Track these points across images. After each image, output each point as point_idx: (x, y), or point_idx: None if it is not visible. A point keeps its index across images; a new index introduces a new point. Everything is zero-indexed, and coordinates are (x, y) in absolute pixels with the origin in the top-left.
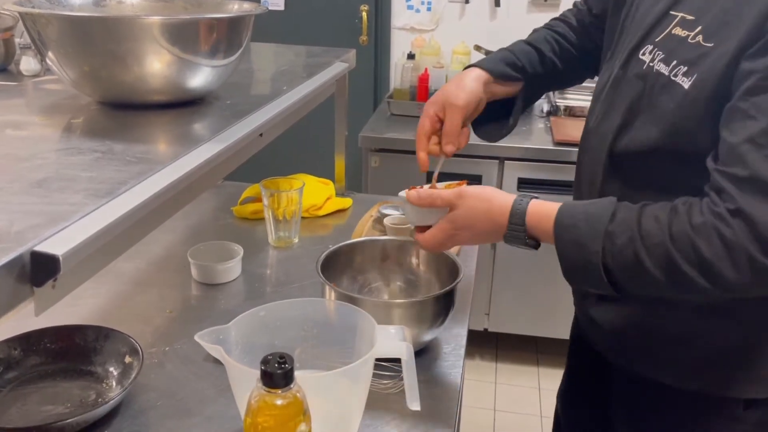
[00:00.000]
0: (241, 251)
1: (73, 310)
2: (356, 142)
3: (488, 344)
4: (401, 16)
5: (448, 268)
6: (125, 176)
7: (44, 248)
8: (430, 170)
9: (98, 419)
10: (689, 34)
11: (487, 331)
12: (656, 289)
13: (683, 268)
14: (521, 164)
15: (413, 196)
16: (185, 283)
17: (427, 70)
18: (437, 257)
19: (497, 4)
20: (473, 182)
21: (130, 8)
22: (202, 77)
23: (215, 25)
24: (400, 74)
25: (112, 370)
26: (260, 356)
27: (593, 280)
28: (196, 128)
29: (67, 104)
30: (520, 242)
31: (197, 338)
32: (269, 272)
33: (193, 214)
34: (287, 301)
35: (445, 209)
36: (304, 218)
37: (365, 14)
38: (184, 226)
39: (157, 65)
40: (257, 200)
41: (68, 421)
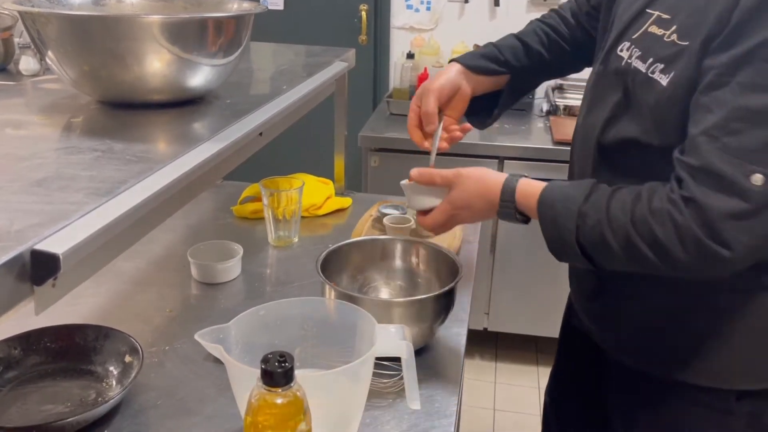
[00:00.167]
0: (240, 251)
1: (73, 309)
2: (356, 141)
3: (488, 344)
4: (401, 15)
5: (447, 267)
6: (125, 175)
7: (44, 247)
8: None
9: (98, 418)
10: (665, 32)
11: (486, 330)
12: (621, 265)
13: (641, 247)
14: (521, 163)
15: (414, 171)
16: (185, 282)
17: (426, 69)
18: (437, 256)
19: (496, 3)
20: None
21: (129, 7)
22: (201, 76)
23: (215, 24)
24: (399, 74)
25: (112, 369)
26: (260, 355)
27: (572, 254)
28: (195, 127)
29: (66, 103)
30: (511, 218)
31: (197, 337)
32: (269, 271)
33: (192, 213)
34: (287, 300)
35: (443, 192)
36: (303, 218)
37: (365, 14)
38: (183, 225)
39: (156, 64)
40: (257, 200)
41: (68, 420)
